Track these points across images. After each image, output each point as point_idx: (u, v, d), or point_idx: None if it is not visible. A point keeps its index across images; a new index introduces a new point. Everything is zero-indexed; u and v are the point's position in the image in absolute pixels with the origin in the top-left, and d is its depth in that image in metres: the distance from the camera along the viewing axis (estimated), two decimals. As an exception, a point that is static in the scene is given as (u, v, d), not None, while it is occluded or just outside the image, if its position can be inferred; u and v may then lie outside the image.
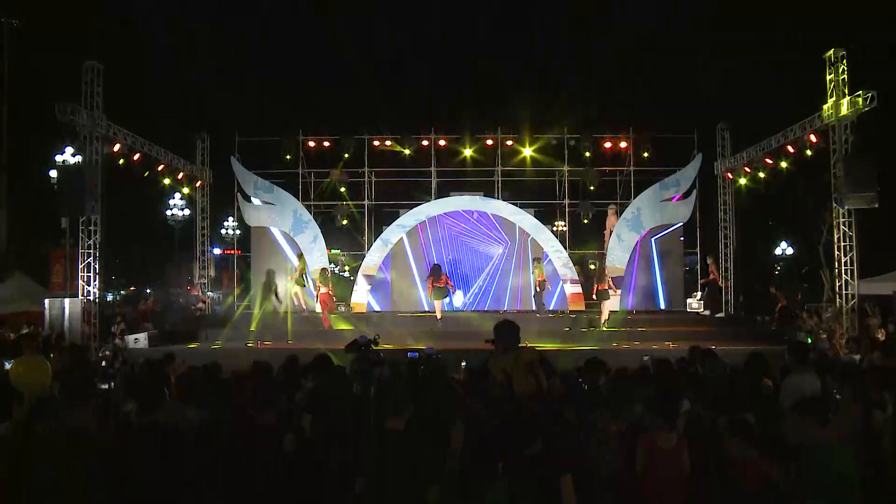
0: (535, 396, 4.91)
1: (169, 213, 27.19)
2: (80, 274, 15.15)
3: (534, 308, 17.93)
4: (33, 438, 4.08)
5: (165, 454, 4.04)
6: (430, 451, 4.00)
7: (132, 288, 40.12)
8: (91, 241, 15.19)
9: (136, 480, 3.94)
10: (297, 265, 17.98)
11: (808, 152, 15.89)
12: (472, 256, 19.61)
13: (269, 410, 4.35)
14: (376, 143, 19.98)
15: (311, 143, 20.05)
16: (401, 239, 19.52)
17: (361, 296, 19.31)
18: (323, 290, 16.71)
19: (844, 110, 14.37)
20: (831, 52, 14.72)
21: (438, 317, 16.62)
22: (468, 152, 20.02)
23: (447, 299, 17.15)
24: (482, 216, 19.63)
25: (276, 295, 16.32)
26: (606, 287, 16.01)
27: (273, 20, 47.68)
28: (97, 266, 15.26)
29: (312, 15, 48.45)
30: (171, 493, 3.97)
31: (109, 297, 30.95)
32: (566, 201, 20.24)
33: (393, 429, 3.98)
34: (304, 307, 17.67)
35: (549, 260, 18.81)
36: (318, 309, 17.13)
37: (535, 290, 17.16)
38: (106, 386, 9.19)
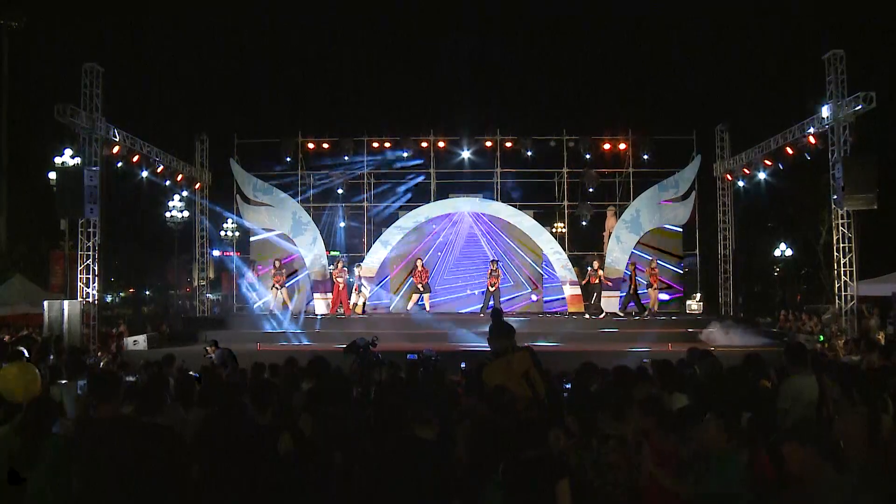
0: (531, 405, 4.88)
1: (168, 214, 27.18)
2: (79, 276, 15.13)
3: (479, 307, 17.95)
4: (32, 437, 4.10)
5: (165, 455, 4.03)
6: (453, 458, 4.00)
7: (131, 290, 40.11)
8: (90, 243, 15.17)
9: (135, 480, 3.93)
10: (274, 269, 18.24)
11: (808, 154, 15.90)
12: (468, 256, 19.55)
13: (266, 411, 4.34)
14: (375, 144, 20.00)
15: (311, 145, 20.07)
16: (400, 240, 19.52)
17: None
18: (340, 280, 17.50)
19: (843, 111, 14.38)
20: (830, 53, 14.73)
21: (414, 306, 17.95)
22: (467, 154, 20.04)
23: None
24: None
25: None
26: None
27: (272, 22, 47.70)
28: (96, 268, 15.25)
29: (311, 16, 48.51)
30: (170, 494, 3.97)
31: (108, 299, 30.97)
32: (565, 203, 20.24)
33: (424, 437, 3.94)
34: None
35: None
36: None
37: (489, 289, 17.46)
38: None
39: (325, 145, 20.11)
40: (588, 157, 19.69)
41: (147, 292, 40.76)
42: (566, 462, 3.88)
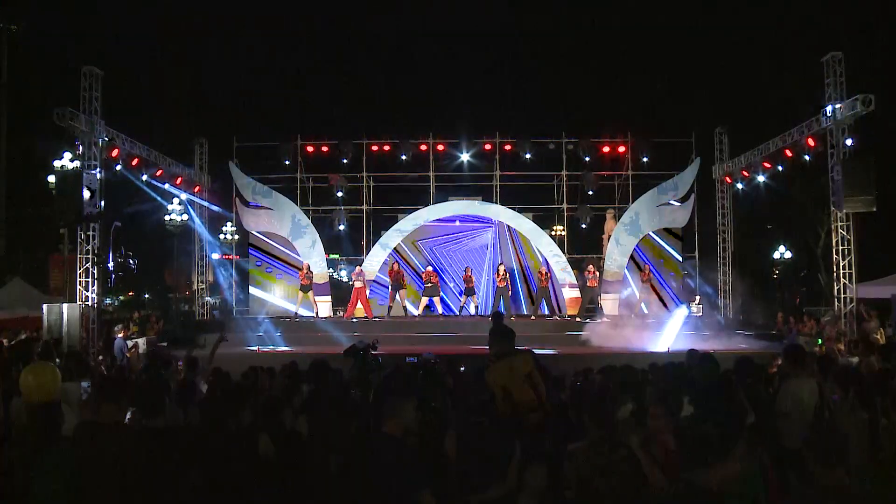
0: (535, 408, 4.88)
1: (167, 217, 27.11)
2: (78, 279, 15.10)
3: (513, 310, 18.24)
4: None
5: (163, 456, 4.03)
6: (428, 456, 3.99)
7: (130, 293, 40.04)
8: (89, 247, 15.16)
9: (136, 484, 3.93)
10: (302, 272, 18.17)
11: (806, 156, 15.90)
12: (469, 259, 19.50)
13: (245, 412, 4.34)
14: (374, 147, 19.98)
15: (310, 148, 20.05)
16: (399, 243, 19.50)
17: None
18: (358, 284, 17.77)
19: (842, 114, 14.39)
20: (829, 55, 14.74)
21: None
22: (466, 156, 20.03)
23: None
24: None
25: None
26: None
27: (270, 24, 47.74)
28: (95, 271, 15.22)
29: (310, 19, 48.55)
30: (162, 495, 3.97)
31: (108, 302, 30.85)
32: (564, 205, 20.23)
33: (392, 433, 3.96)
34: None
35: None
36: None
37: (499, 286, 17.72)
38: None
39: (325, 148, 20.10)
40: (587, 159, 19.68)
41: (146, 296, 40.67)
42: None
